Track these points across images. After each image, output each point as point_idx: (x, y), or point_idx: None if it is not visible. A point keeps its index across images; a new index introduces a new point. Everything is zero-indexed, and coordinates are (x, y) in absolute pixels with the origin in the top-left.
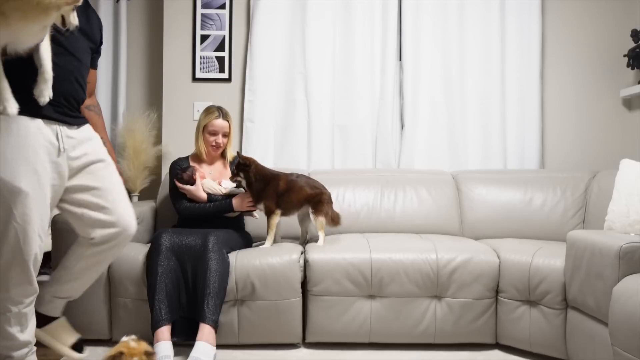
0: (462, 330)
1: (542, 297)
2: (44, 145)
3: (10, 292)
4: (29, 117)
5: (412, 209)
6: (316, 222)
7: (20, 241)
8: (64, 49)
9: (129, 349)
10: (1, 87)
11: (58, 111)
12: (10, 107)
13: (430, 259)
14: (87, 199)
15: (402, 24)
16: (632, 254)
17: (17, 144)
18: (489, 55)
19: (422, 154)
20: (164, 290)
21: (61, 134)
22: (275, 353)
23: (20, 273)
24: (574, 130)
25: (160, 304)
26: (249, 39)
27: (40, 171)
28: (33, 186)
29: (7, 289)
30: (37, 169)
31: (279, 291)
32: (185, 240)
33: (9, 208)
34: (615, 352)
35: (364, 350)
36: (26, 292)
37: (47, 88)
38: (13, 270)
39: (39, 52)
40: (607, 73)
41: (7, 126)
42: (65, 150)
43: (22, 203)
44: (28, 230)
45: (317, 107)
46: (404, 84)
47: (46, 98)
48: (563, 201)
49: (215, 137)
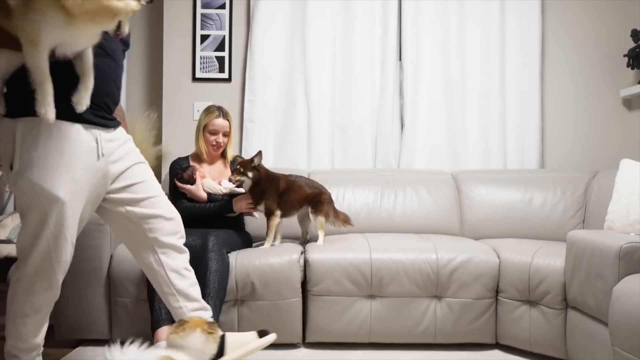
0: (462, 330)
1: (542, 297)
2: (84, 151)
3: (34, 297)
4: (69, 122)
5: (412, 209)
6: (316, 221)
7: (50, 247)
8: (104, 52)
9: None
10: (46, 91)
11: (97, 114)
12: (50, 112)
13: (430, 259)
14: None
15: (402, 24)
16: (632, 254)
17: (57, 151)
18: (489, 55)
19: (422, 154)
20: None
21: (100, 137)
22: (275, 353)
23: (46, 279)
24: (574, 130)
25: (160, 304)
26: (249, 39)
27: (78, 178)
28: (70, 194)
29: (32, 293)
30: (75, 177)
31: (279, 291)
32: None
33: (45, 215)
34: (615, 352)
35: (364, 350)
36: (49, 298)
37: (87, 96)
38: (40, 276)
39: (82, 57)
40: (607, 73)
41: (47, 131)
42: (104, 154)
43: (58, 210)
44: (60, 237)
45: (317, 107)
46: (404, 84)
47: (84, 106)
48: (563, 201)
49: (216, 136)
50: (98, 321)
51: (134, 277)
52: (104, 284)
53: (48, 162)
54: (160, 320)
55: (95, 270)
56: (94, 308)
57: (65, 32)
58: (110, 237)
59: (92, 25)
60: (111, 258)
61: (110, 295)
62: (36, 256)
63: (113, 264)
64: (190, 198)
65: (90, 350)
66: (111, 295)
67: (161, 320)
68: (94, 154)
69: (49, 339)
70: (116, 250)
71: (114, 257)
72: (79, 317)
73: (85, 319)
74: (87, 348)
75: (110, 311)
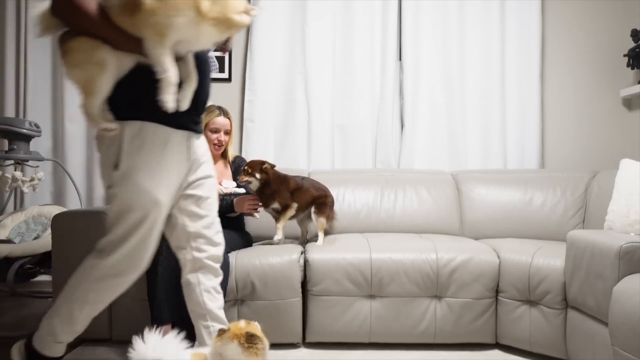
0: (462, 330)
1: (542, 297)
2: (179, 157)
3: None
4: (170, 128)
5: (412, 209)
6: (317, 222)
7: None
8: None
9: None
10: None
11: (193, 120)
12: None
13: (430, 259)
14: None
15: (402, 24)
16: (632, 254)
17: (160, 155)
18: (489, 55)
19: (422, 154)
20: (165, 290)
21: (192, 144)
22: (275, 353)
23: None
24: (574, 130)
25: (161, 304)
26: (249, 39)
27: (174, 184)
28: (167, 198)
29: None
30: (172, 182)
31: (279, 291)
32: None
33: (145, 216)
34: (615, 352)
35: (364, 350)
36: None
37: (190, 95)
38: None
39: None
40: (607, 73)
41: (152, 136)
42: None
43: (156, 213)
44: (149, 238)
45: (317, 107)
46: (404, 84)
47: (186, 105)
48: (563, 201)
49: (217, 134)
50: (98, 321)
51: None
52: None
53: (152, 165)
54: (161, 320)
55: None
56: None
57: (191, 31)
58: None
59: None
60: None
61: None
62: (122, 252)
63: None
64: None
65: (90, 350)
66: None
67: (162, 320)
68: (185, 160)
69: None
70: None
71: None
72: None
73: None
74: (87, 348)
75: (110, 311)
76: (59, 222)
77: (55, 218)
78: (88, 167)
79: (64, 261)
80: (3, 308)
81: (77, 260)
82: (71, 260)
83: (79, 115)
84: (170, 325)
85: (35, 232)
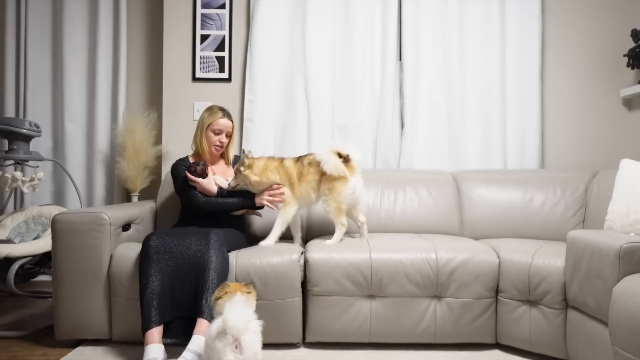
0: (462, 330)
1: (542, 297)
2: None
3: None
4: None
5: (412, 209)
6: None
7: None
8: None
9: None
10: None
11: None
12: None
13: (430, 259)
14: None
15: (402, 24)
16: (632, 254)
17: None
18: (489, 55)
19: (422, 154)
20: (154, 292)
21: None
22: (275, 353)
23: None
24: (574, 130)
25: (150, 306)
26: (249, 39)
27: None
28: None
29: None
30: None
31: (279, 291)
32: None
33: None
34: (615, 352)
35: (364, 350)
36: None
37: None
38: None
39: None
40: (607, 73)
41: None
42: None
43: None
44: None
45: (317, 107)
46: (404, 84)
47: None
48: (563, 201)
49: (219, 136)
50: (98, 321)
51: (133, 277)
52: (104, 284)
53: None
54: (149, 323)
55: (94, 270)
56: (94, 308)
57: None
58: (110, 237)
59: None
60: (111, 258)
61: (110, 295)
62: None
63: (113, 264)
64: (200, 192)
65: (90, 350)
66: (111, 295)
67: (150, 323)
68: None
69: (49, 339)
70: (116, 250)
71: (113, 257)
72: (78, 317)
73: (85, 319)
74: (87, 348)
75: (110, 311)
76: (59, 222)
77: (55, 218)
78: (88, 167)
79: (64, 261)
80: (3, 308)
81: (77, 260)
82: (71, 260)
83: (79, 115)
84: (161, 327)
85: (35, 232)
